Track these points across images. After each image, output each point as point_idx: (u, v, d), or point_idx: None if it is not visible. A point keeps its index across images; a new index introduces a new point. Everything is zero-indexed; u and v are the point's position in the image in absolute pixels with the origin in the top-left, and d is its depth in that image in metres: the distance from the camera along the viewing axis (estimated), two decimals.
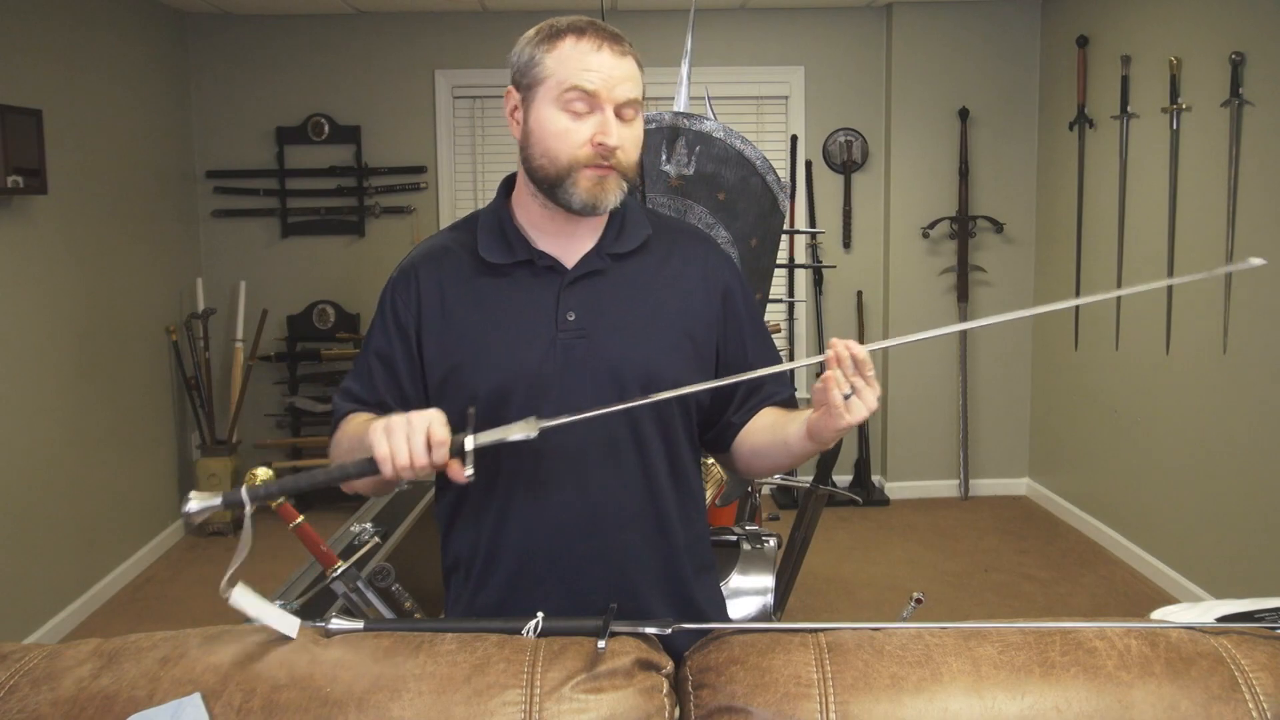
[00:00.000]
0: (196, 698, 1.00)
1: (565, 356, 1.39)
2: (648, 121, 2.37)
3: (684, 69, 2.63)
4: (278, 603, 2.27)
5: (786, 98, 5.27)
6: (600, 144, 1.35)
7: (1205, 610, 1.20)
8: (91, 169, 4.15)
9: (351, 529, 2.73)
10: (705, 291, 1.49)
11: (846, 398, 1.24)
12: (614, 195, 1.38)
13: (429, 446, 1.19)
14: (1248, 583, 3.55)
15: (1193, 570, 3.92)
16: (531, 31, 1.41)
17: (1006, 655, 1.06)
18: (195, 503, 1.19)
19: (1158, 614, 1.33)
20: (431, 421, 1.20)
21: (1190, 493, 3.91)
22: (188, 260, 5.08)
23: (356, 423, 1.42)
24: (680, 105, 2.56)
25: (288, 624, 1.13)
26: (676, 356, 1.44)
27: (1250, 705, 1.02)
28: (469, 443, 1.22)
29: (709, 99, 2.88)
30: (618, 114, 1.36)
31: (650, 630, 1.18)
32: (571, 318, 1.41)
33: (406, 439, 1.19)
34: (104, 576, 4.16)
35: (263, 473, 2.00)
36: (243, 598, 1.13)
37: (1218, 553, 3.75)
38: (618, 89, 1.35)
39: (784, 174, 5.19)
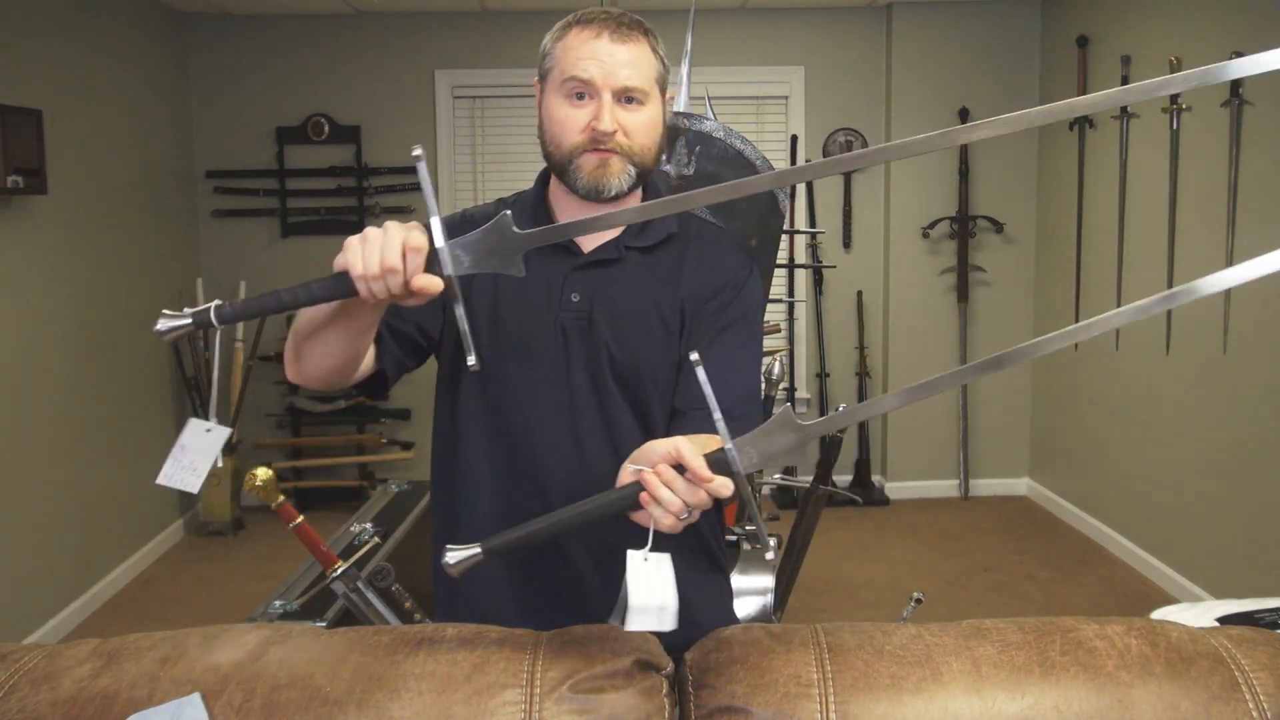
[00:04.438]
0: (196, 698, 1.00)
1: (562, 337, 1.42)
2: None
3: (684, 69, 2.63)
4: (277, 603, 2.27)
5: (786, 98, 5.27)
6: (593, 129, 1.37)
7: (1205, 610, 1.20)
8: (91, 169, 4.15)
9: (351, 529, 2.74)
10: (705, 290, 1.47)
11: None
12: (619, 178, 1.39)
13: (404, 254, 1.10)
14: (1248, 583, 3.54)
15: (1193, 570, 3.91)
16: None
17: (1006, 655, 1.06)
18: (164, 322, 1.14)
19: (1158, 614, 1.33)
20: (410, 228, 1.12)
21: (1190, 493, 3.91)
22: (188, 260, 5.08)
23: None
24: (680, 105, 2.56)
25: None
26: (664, 359, 1.44)
27: (1250, 705, 1.02)
28: (445, 256, 1.12)
29: (709, 99, 2.88)
30: (622, 100, 1.38)
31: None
32: (575, 299, 1.43)
33: (380, 244, 1.09)
34: (104, 576, 4.16)
35: (263, 473, 2.01)
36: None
37: (1218, 553, 3.75)
38: (615, 75, 1.36)
39: None
